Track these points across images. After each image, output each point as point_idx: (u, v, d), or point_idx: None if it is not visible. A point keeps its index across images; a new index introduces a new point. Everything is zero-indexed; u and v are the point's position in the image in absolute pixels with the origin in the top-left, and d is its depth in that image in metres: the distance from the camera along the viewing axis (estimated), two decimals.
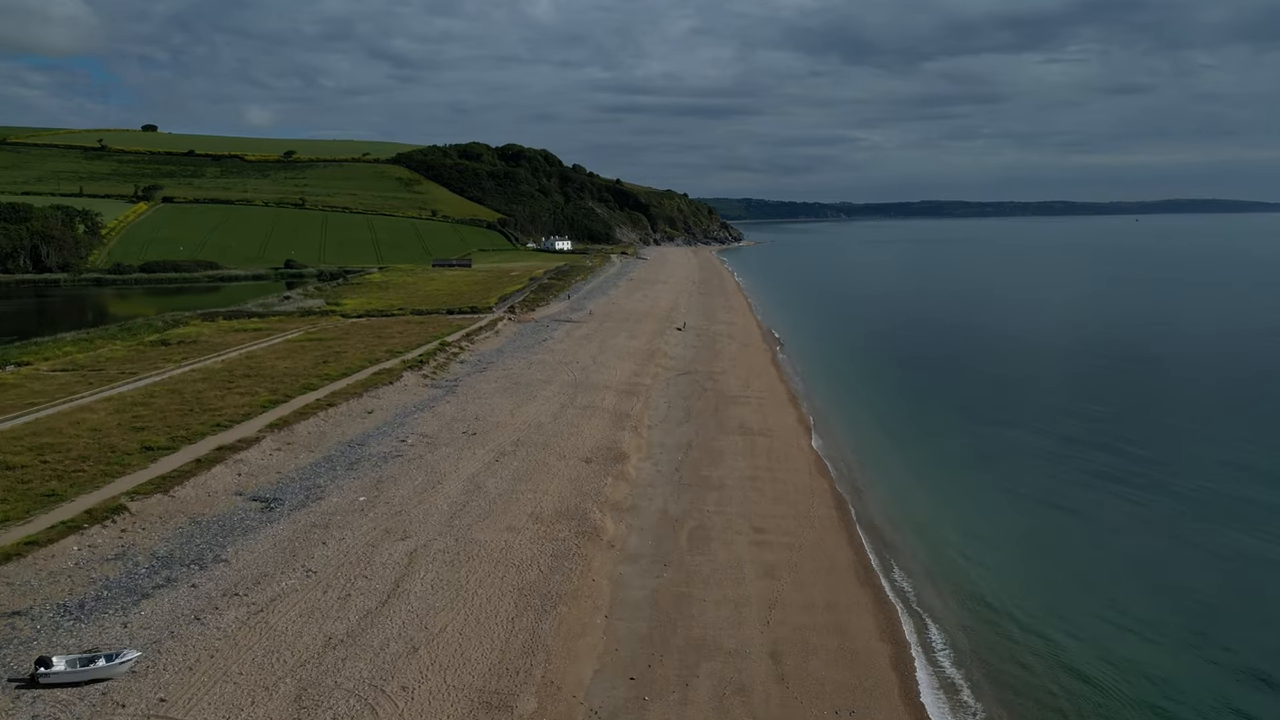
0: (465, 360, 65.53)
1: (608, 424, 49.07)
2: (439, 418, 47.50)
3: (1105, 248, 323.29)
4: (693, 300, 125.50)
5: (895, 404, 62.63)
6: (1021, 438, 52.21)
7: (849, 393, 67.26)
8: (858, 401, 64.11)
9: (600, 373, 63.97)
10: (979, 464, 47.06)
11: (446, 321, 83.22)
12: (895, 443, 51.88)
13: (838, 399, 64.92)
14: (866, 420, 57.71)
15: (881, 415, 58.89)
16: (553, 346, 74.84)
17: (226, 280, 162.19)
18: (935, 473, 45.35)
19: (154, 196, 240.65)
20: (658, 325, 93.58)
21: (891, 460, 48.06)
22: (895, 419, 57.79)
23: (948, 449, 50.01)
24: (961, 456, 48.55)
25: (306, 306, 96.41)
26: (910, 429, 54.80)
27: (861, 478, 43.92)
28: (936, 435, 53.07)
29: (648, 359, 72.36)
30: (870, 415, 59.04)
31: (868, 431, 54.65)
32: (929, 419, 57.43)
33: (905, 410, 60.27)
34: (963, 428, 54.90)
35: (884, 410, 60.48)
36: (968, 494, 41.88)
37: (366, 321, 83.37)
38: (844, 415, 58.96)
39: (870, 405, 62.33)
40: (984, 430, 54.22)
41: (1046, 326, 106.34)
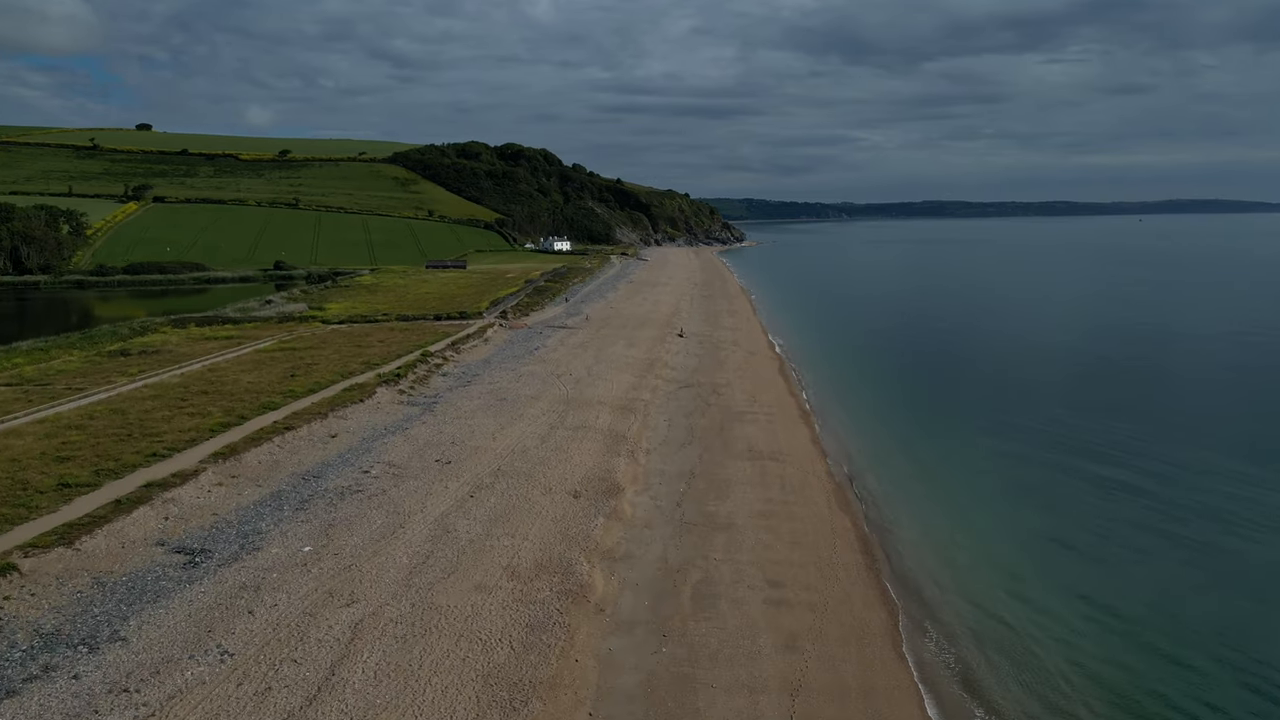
0: (448, 373, 60.34)
1: (601, 448, 43.89)
2: (411, 442, 42.29)
3: (1113, 248, 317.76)
4: (695, 304, 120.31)
5: (915, 418, 57.42)
6: (1059, 460, 46.96)
7: (864, 405, 62.10)
8: (874, 415, 58.96)
9: (595, 386, 58.80)
10: (1016, 492, 41.84)
11: (432, 328, 78.05)
12: (920, 465, 46.67)
13: (852, 413, 59.78)
14: (885, 437, 52.52)
15: (901, 432, 53.69)
16: (545, 356, 69.65)
17: (213, 282, 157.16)
18: (968, 504, 40.12)
19: (144, 196, 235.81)
20: (658, 332, 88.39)
21: (917, 487, 42.87)
22: (917, 437, 52.61)
23: (978, 474, 44.80)
24: (996, 483, 43.34)
25: (287, 311, 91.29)
26: (934, 449, 49.57)
27: (886, 511, 38.73)
28: (964, 457, 47.87)
29: (647, 370, 67.18)
30: (890, 432, 53.84)
31: (888, 451, 49.46)
32: (953, 436, 52.22)
33: (927, 426, 55.08)
34: (992, 447, 49.69)
35: (903, 426, 55.28)
36: (1010, 533, 36.64)
37: (347, 328, 78.23)
38: (861, 432, 53.79)
39: (888, 420, 57.15)
40: (1016, 450, 49.00)
41: (1063, 328, 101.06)
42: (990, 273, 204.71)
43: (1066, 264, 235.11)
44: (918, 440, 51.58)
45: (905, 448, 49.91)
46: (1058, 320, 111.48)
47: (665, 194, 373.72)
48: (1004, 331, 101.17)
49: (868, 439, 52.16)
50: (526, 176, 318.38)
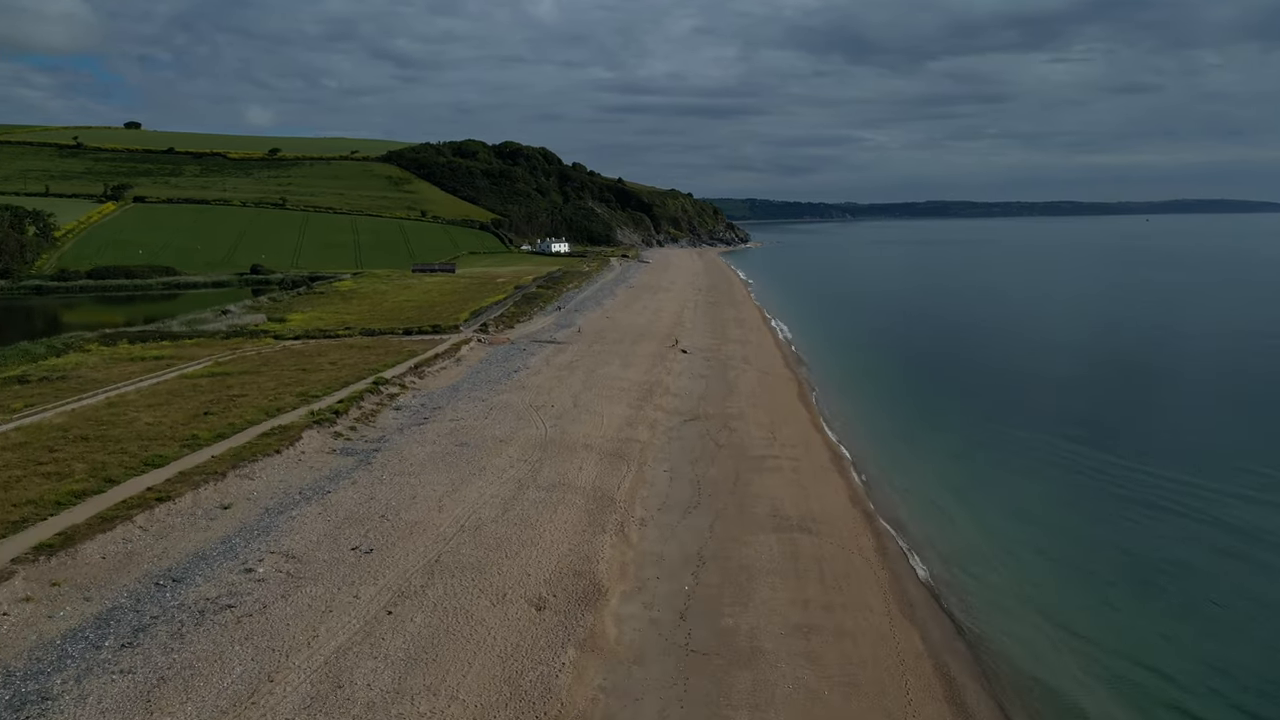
0: (403, 405, 49.97)
1: (582, 518, 33.56)
2: (328, 516, 31.93)
3: (1128, 249, 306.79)
4: (699, 312, 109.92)
5: (970, 457, 46.97)
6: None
7: (899, 437, 51.70)
8: (913, 450, 48.58)
9: (581, 422, 48.45)
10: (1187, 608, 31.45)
11: (398, 345, 67.73)
12: (989, 531, 36.30)
13: (886, 448, 49.43)
14: (938, 487, 42.15)
15: (954, 477, 43.27)
16: (525, 380, 59.28)
17: (184, 287, 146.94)
18: (1085, 605, 29.75)
19: (123, 196, 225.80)
20: (658, 347, 78.02)
21: (997, 569, 32.52)
22: (977, 483, 42.24)
23: (1091, 553, 34.35)
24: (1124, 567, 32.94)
25: (241, 324, 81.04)
26: (1010, 503, 39.17)
27: (974, 619, 28.36)
28: (1051, 512, 37.45)
29: (644, 397, 56.82)
30: (942, 480, 43.42)
31: (946, 509, 39.11)
32: (1027, 482, 41.84)
33: (987, 467, 44.68)
34: (1096, 511, 39.27)
35: (956, 468, 44.87)
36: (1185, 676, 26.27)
37: (300, 345, 67.93)
38: (903, 478, 43.44)
39: (937, 461, 46.72)
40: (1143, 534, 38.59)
41: (1116, 337, 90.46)
42: (1010, 275, 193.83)
43: (1086, 266, 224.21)
44: (984, 489, 41.13)
45: (961, 499, 39.46)
46: (1106, 329, 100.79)
47: (668, 194, 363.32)
48: (1047, 341, 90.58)
49: (914, 490, 41.78)
50: (525, 176, 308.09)
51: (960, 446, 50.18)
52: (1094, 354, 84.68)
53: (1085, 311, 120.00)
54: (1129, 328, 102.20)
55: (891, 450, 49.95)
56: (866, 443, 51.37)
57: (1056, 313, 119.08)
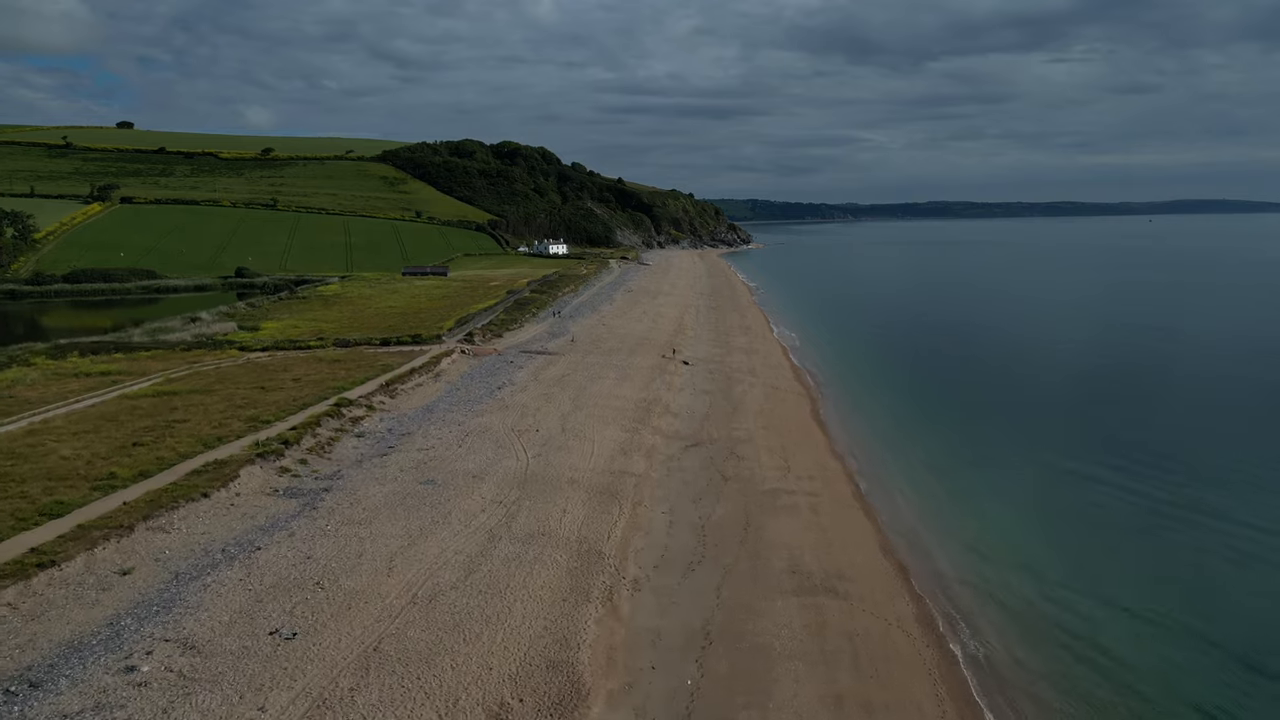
0: (367, 431, 44.15)
1: (561, 581, 27.77)
2: (251, 583, 26.13)
3: (1136, 250, 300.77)
4: (701, 319, 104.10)
5: (1010, 490, 41.10)
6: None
7: (934, 469, 45.87)
8: (953, 487, 42.74)
9: (568, 450, 42.65)
10: None
11: (372, 358, 61.91)
12: (1044, 585, 30.46)
13: (920, 482, 43.61)
14: (978, 528, 36.33)
15: (996, 515, 37.43)
16: (509, 399, 53.45)
17: (165, 291, 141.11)
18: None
19: (110, 197, 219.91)
20: (657, 358, 72.21)
21: (1064, 640, 26.71)
22: (1022, 524, 36.39)
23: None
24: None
25: (210, 333, 75.24)
26: (1066, 550, 33.29)
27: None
28: (1117, 561, 31.59)
29: (641, 418, 51.02)
30: (981, 519, 37.59)
31: (990, 556, 33.27)
32: (1086, 528, 35.99)
33: (1029, 504, 38.81)
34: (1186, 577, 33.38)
35: (996, 504, 39.02)
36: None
37: (266, 358, 62.13)
38: (941, 518, 37.62)
39: (974, 495, 40.90)
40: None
41: (1149, 349, 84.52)
42: (1022, 277, 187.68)
43: (1098, 268, 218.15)
44: (1026, 535, 35.23)
45: (1007, 543, 33.56)
46: (1135, 334, 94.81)
47: (669, 194, 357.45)
48: (1074, 347, 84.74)
49: (951, 532, 35.92)
50: (522, 176, 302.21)
51: (998, 478, 44.29)
52: (1127, 363, 78.76)
53: (1109, 316, 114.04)
54: (1164, 334, 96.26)
55: (918, 480, 44.13)
56: (889, 470, 45.56)
57: (1078, 317, 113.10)
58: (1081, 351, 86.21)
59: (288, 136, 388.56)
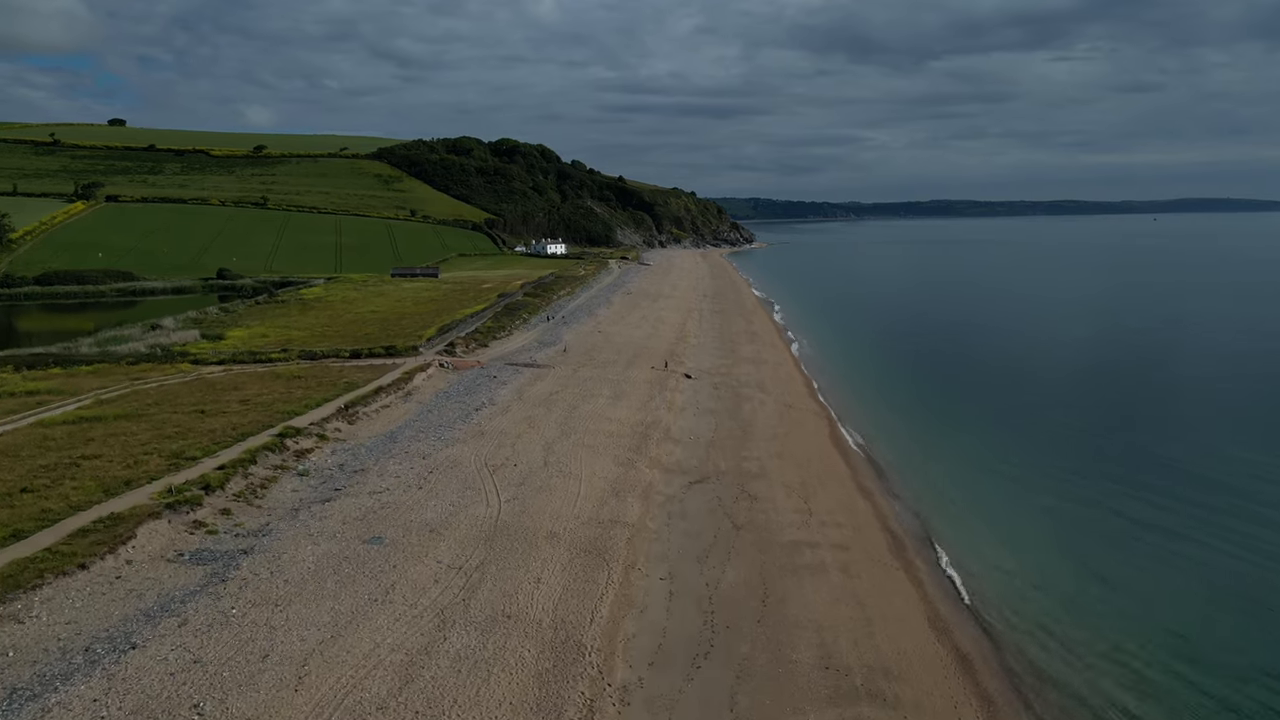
0: (312, 468, 37.47)
1: (527, 693, 21.08)
2: (106, 708, 19.46)
3: (1141, 250, 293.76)
4: (705, 323, 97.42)
5: (1083, 546, 34.45)
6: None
7: (978, 507, 39.26)
8: (1006, 531, 36.10)
9: (550, 491, 36.01)
10: None
11: (336, 374, 55.26)
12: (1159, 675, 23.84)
13: (967, 526, 36.99)
14: (1051, 596, 29.73)
15: (1071, 579, 30.82)
16: (486, 424, 46.79)
17: (142, 294, 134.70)
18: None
19: (94, 195, 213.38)
20: (657, 371, 65.53)
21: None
22: (1107, 593, 29.80)
23: None
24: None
25: (166, 343, 68.63)
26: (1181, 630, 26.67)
27: None
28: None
29: (638, 446, 44.37)
30: (1052, 581, 30.97)
31: (1077, 644, 26.66)
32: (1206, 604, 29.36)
33: (1109, 559, 32.20)
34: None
35: (1065, 564, 32.39)
36: None
37: (219, 374, 55.50)
38: (1004, 578, 30.99)
39: (1034, 545, 34.28)
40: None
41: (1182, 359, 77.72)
42: (1036, 278, 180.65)
43: (1112, 269, 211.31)
44: (1109, 607, 28.61)
45: (1098, 620, 26.89)
46: (1171, 340, 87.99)
47: (670, 192, 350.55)
48: (1123, 356, 78.02)
49: (1023, 602, 29.27)
50: (521, 174, 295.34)
51: (1062, 524, 37.54)
52: (1182, 373, 72.00)
53: (1145, 320, 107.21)
54: (1189, 337, 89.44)
55: (960, 521, 37.51)
56: (925, 508, 38.95)
57: (1111, 322, 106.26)
58: (1130, 363, 79.42)
59: (282, 134, 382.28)
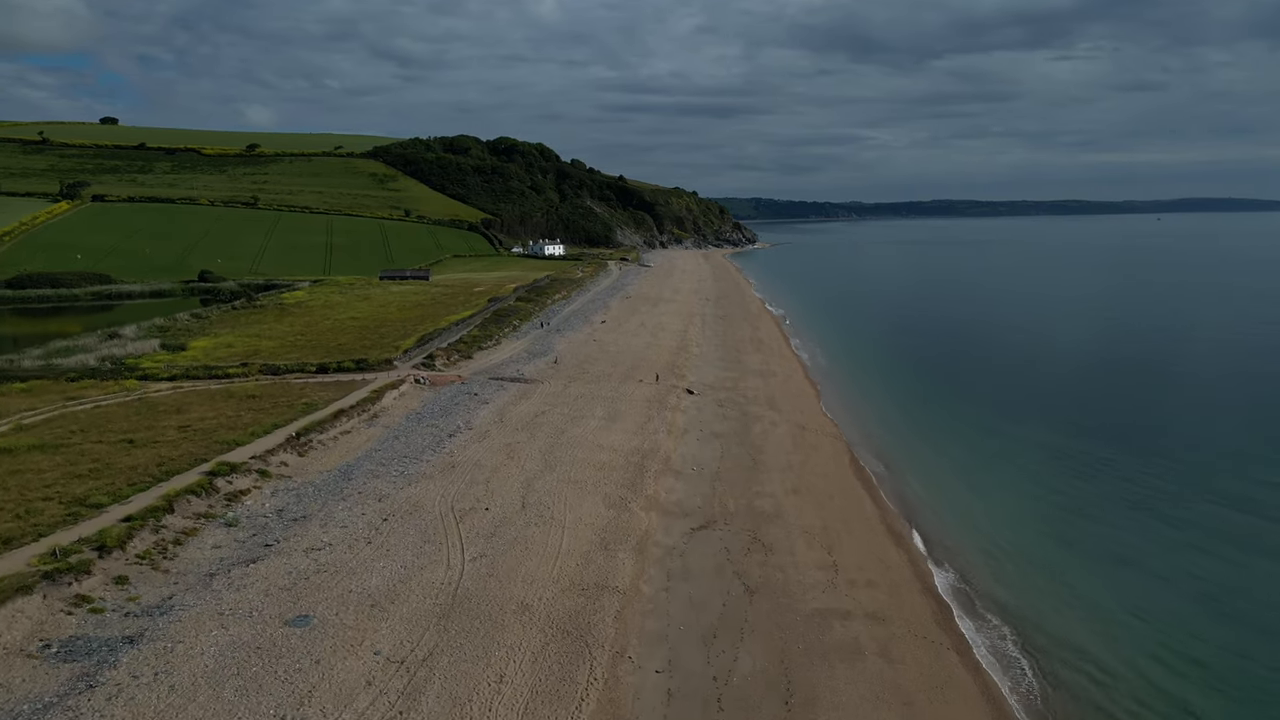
0: (243, 516, 31.56)
1: None
2: None
3: (1154, 249, 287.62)
4: (708, 330, 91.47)
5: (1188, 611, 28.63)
6: None
7: (1022, 548, 33.43)
8: (1067, 583, 30.29)
9: (526, 544, 30.11)
10: None
11: (297, 393, 49.35)
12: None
13: (1015, 578, 31.18)
14: (1129, 672, 23.94)
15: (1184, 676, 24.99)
16: (459, 453, 40.85)
17: (119, 297, 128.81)
18: None
19: (80, 194, 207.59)
20: (656, 385, 59.61)
21: None
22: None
23: None
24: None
25: (122, 354, 62.80)
26: None
27: None
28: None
29: (633, 481, 38.47)
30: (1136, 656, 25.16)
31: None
32: None
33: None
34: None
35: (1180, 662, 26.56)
36: None
37: (165, 393, 49.59)
38: (1091, 667, 25.16)
39: (1095, 601, 28.47)
40: None
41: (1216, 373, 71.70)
42: (1050, 280, 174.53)
43: (1136, 267, 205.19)
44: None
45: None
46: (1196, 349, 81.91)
47: (671, 192, 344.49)
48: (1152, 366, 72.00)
49: (1091, 685, 23.43)
50: (519, 173, 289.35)
51: (1145, 578, 31.58)
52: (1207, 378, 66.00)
53: (1173, 325, 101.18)
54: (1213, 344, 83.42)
55: (1018, 581, 31.63)
56: (971, 562, 33.09)
57: (1143, 325, 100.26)
58: (1167, 375, 73.42)
59: (277, 133, 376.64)
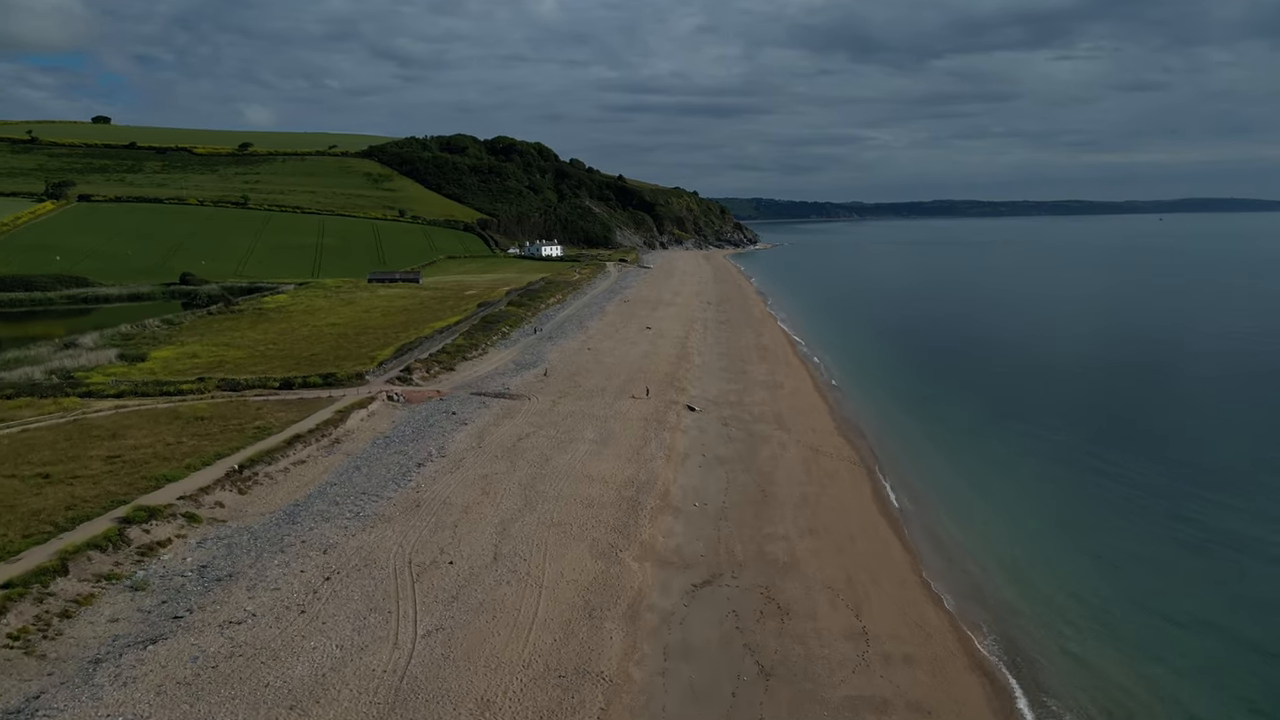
0: (154, 577, 26.37)
1: None
2: None
3: (1156, 250, 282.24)
4: (710, 338, 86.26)
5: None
6: None
7: (1090, 606, 28.34)
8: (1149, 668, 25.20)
9: (494, 611, 24.92)
10: None
11: (252, 414, 44.15)
12: None
13: (1078, 651, 26.09)
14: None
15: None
16: (427, 488, 35.64)
17: (96, 301, 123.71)
18: None
19: (65, 194, 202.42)
20: (654, 402, 54.40)
21: None
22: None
23: None
24: None
25: (71, 366, 57.60)
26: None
27: None
28: None
29: (625, 521, 33.26)
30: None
31: None
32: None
33: None
34: None
35: None
36: None
37: (107, 413, 44.44)
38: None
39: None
40: None
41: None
42: (1061, 280, 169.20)
43: (1134, 269, 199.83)
44: None
45: None
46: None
47: (672, 192, 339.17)
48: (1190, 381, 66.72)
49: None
50: (516, 173, 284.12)
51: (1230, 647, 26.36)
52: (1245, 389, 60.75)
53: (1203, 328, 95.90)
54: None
55: (1086, 648, 26.48)
56: (1022, 623, 27.96)
57: (1170, 327, 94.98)
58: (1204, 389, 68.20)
59: (271, 132, 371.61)
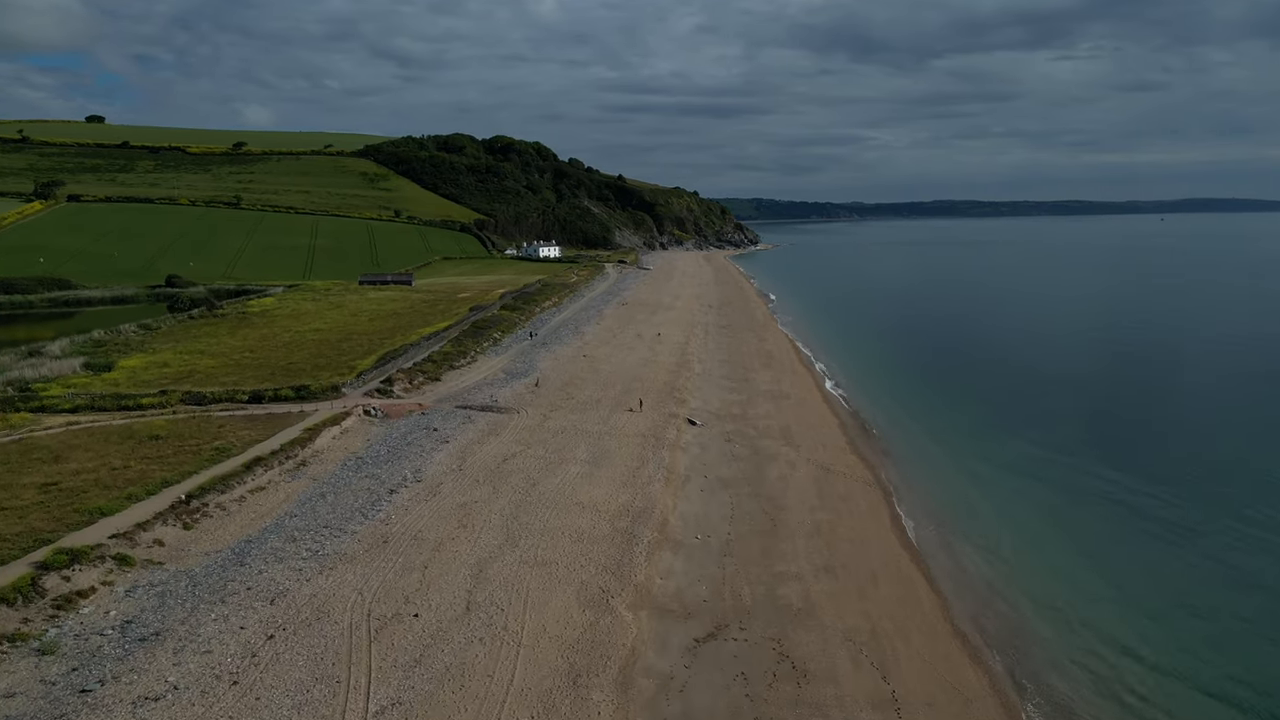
0: (67, 638, 22.68)
1: None
2: None
3: (1162, 251, 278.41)
4: (711, 344, 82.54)
5: None
6: None
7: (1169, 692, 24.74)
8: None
9: (463, 678, 21.24)
10: None
11: (214, 432, 40.49)
12: None
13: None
14: None
15: None
16: (397, 519, 31.94)
17: (79, 304, 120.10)
18: None
19: (54, 194, 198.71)
20: (652, 416, 50.67)
21: None
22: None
23: None
24: None
25: (30, 377, 53.99)
26: None
27: None
28: None
29: (619, 559, 29.59)
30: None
31: None
32: None
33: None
34: None
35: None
36: None
37: (56, 431, 40.77)
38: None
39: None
40: None
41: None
42: (1068, 280, 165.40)
43: (1141, 269, 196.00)
44: None
45: None
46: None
47: (672, 192, 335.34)
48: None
49: None
50: (514, 172, 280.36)
51: None
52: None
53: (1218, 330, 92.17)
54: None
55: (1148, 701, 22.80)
56: (1077, 688, 24.31)
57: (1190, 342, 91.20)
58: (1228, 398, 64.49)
59: (267, 132, 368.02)
